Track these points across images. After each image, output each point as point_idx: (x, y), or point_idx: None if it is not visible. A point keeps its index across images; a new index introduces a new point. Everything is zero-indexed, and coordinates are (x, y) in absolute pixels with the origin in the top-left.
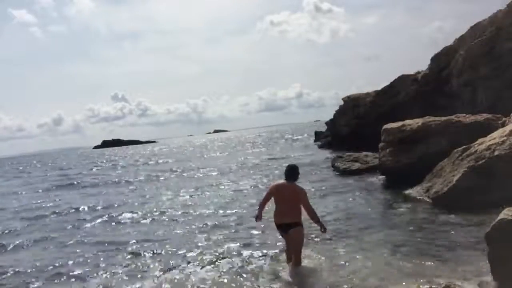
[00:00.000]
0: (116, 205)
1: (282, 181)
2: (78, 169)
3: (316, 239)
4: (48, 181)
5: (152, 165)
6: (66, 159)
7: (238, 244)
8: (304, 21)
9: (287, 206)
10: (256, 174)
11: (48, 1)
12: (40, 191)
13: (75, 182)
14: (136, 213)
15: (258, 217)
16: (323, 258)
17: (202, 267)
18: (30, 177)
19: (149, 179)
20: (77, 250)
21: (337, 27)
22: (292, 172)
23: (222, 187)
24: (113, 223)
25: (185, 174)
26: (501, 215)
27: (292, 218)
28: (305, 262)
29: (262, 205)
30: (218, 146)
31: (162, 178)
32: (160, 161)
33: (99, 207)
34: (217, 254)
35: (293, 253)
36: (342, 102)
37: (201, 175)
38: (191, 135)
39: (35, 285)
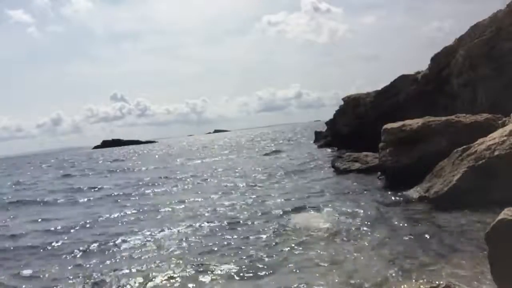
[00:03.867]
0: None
1: None
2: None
3: (316, 239)
4: None
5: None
6: (49, 162)
7: None
8: (303, 21)
9: None
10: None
11: (45, 1)
12: None
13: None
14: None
15: None
16: (323, 258)
17: None
18: None
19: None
20: None
21: (336, 27)
22: None
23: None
24: None
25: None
26: (501, 215)
27: None
28: (305, 262)
29: None
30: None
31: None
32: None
33: None
34: None
35: None
36: (342, 102)
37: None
38: (191, 135)
39: None
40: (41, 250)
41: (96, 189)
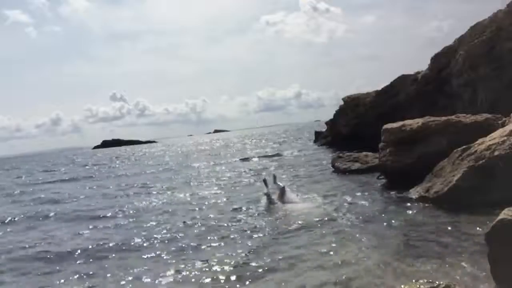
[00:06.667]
0: None
1: None
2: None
3: (314, 239)
4: None
5: None
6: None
7: None
8: (302, 21)
9: None
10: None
11: (43, 0)
12: None
13: None
14: None
15: None
16: (321, 258)
17: None
18: None
19: None
20: None
21: (336, 27)
22: None
23: None
24: None
25: None
26: (501, 215)
27: None
28: (305, 263)
29: None
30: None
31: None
32: None
33: None
34: None
35: None
36: (342, 102)
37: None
38: (191, 135)
39: None
40: None
41: None
